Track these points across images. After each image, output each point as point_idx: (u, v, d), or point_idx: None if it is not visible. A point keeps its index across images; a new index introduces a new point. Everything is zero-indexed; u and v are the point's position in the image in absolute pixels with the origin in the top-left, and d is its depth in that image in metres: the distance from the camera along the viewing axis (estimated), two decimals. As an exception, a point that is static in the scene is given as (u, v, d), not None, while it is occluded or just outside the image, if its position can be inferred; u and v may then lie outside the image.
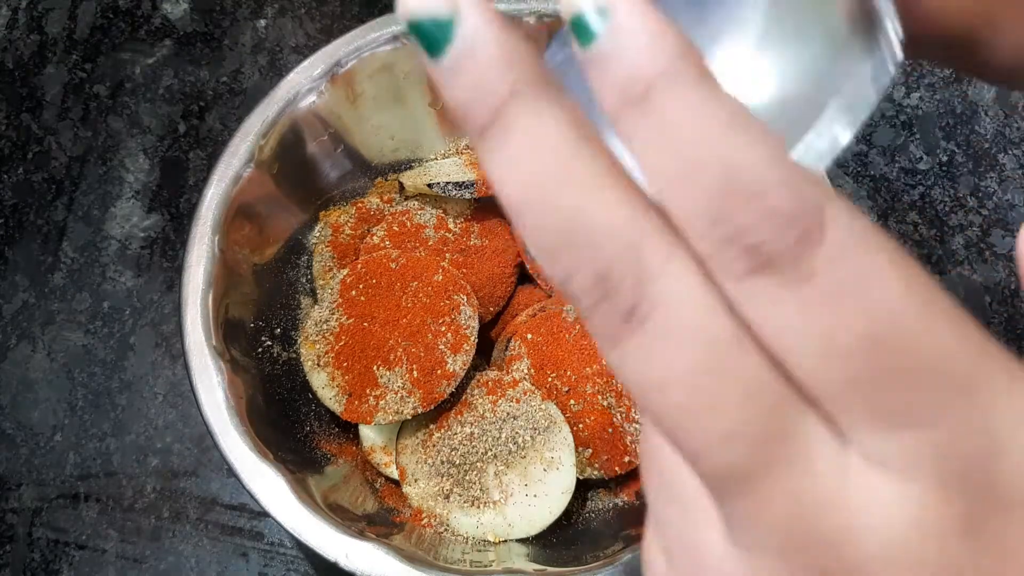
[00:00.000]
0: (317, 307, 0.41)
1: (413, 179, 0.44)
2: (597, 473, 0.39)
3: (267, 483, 0.33)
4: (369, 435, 0.41)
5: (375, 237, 0.43)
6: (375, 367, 0.38)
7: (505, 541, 0.37)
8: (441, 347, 0.39)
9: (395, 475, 0.40)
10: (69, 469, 0.45)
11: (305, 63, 0.41)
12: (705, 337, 0.12)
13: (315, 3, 0.55)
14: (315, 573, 0.43)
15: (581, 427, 0.39)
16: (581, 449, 0.39)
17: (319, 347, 0.39)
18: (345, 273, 0.41)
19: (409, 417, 0.38)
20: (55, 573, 0.43)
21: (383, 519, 0.37)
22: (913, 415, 0.12)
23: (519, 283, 0.44)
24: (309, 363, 0.39)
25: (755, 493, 0.13)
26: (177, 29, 0.55)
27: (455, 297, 0.40)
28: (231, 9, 0.56)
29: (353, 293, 0.40)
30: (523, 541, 0.38)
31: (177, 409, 0.46)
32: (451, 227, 0.44)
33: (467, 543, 0.37)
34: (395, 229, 0.43)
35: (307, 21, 0.55)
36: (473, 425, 0.39)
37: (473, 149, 0.14)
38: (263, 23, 0.55)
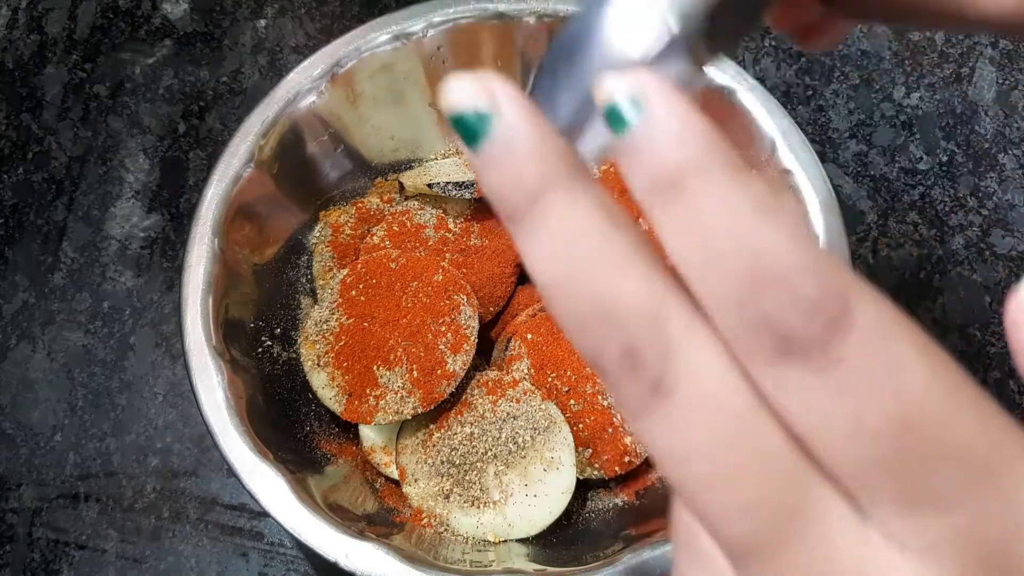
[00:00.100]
0: (317, 307, 0.41)
1: (413, 179, 0.44)
2: (597, 473, 0.39)
3: (267, 483, 0.33)
4: (369, 435, 0.41)
5: (375, 237, 0.43)
6: (375, 367, 0.38)
7: (505, 541, 0.37)
8: (441, 347, 0.39)
9: (395, 475, 0.40)
10: (69, 469, 0.45)
11: (305, 63, 0.41)
12: (726, 412, 0.13)
13: (315, 3, 0.55)
14: (315, 573, 0.43)
15: (581, 427, 0.39)
16: (581, 449, 0.39)
17: (319, 347, 0.39)
18: (345, 273, 0.41)
19: (409, 417, 0.38)
20: (55, 573, 0.43)
21: (383, 519, 0.37)
22: (937, 498, 0.12)
23: (519, 283, 0.44)
24: (309, 363, 0.39)
25: (772, 563, 0.13)
26: (177, 29, 0.55)
27: (455, 297, 0.40)
28: (231, 9, 0.56)
29: (353, 293, 0.40)
30: (523, 541, 0.38)
31: (177, 409, 0.46)
32: (451, 227, 0.44)
33: (467, 543, 0.37)
34: (395, 229, 0.43)
35: (307, 21, 0.55)
36: (473, 425, 0.39)
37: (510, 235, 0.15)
38: (263, 23, 0.55)
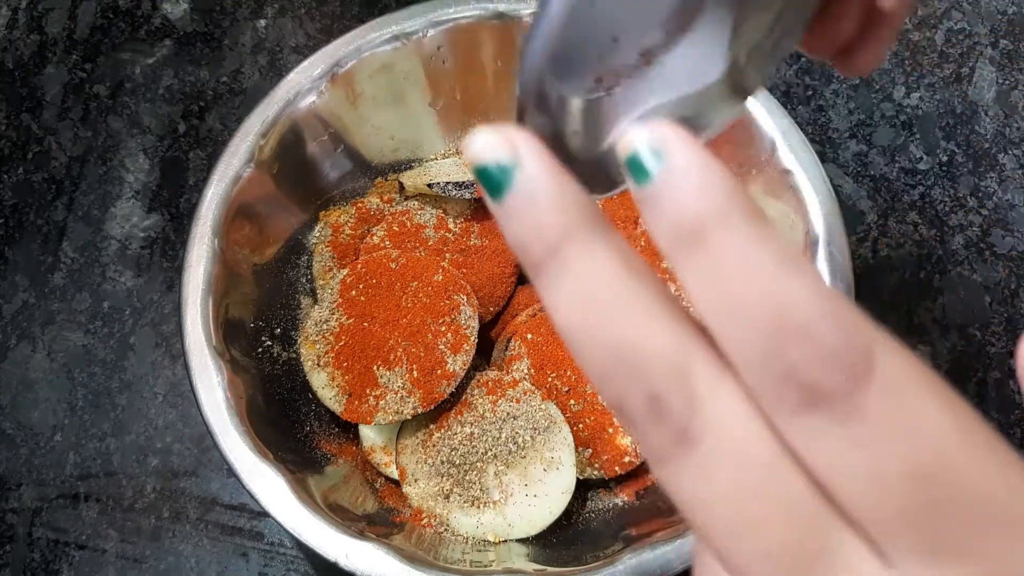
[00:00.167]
0: (317, 307, 0.41)
1: (413, 179, 0.44)
2: (597, 473, 0.39)
3: (267, 483, 0.33)
4: (369, 435, 0.41)
5: (375, 237, 0.43)
6: (375, 367, 0.38)
7: (505, 541, 0.37)
8: (441, 347, 0.39)
9: (395, 475, 0.40)
10: (69, 469, 0.45)
11: (305, 63, 0.41)
12: (751, 460, 0.13)
13: (315, 3, 0.55)
14: (315, 573, 0.43)
15: (581, 427, 0.39)
16: (581, 449, 0.39)
17: (319, 347, 0.39)
18: (345, 273, 0.41)
19: (409, 417, 0.38)
20: (55, 573, 0.43)
21: (383, 519, 0.37)
22: (959, 546, 0.13)
23: (519, 283, 0.44)
24: (309, 363, 0.39)
25: None
26: (177, 29, 0.55)
27: (455, 297, 0.40)
28: (231, 9, 0.56)
29: (353, 293, 0.40)
30: (523, 541, 0.38)
31: (177, 409, 0.46)
32: (451, 227, 0.44)
33: (467, 543, 0.37)
34: (395, 229, 0.43)
35: (307, 21, 0.55)
36: (473, 425, 0.39)
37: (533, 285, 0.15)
38: (263, 23, 0.55)
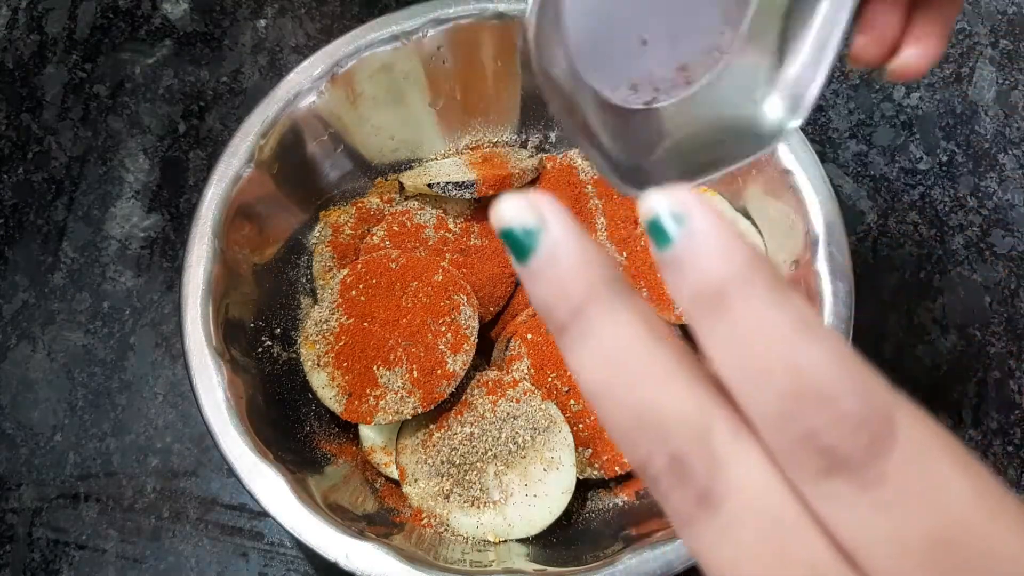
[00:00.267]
0: (317, 307, 0.41)
1: (413, 179, 0.44)
2: (597, 473, 0.39)
3: (267, 483, 0.33)
4: (369, 435, 0.41)
5: (375, 237, 0.43)
6: (375, 367, 0.38)
7: (505, 541, 0.37)
8: (441, 347, 0.39)
9: (395, 475, 0.40)
10: (69, 469, 0.45)
11: (305, 63, 0.41)
12: (773, 523, 0.13)
13: (315, 3, 0.55)
14: (315, 573, 0.43)
15: (581, 427, 0.39)
16: (581, 449, 0.39)
17: (319, 347, 0.39)
18: (345, 273, 0.41)
19: (409, 417, 0.38)
20: (55, 573, 0.43)
21: (383, 519, 0.37)
22: None
23: (519, 283, 0.44)
24: (309, 363, 0.39)
25: None
26: (177, 29, 0.55)
27: (455, 297, 0.40)
28: (231, 9, 0.56)
29: (353, 293, 0.40)
30: (523, 541, 0.38)
31: (177, 409, 0.46)
32: (451, 227, 0.44)
33: (467, 543, 0.37)
34: (395, 229, 0.43)
35: (307, 21, 0.55)
36: (473, 425, 0.39)
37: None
38: (263, 23, 0.55)
